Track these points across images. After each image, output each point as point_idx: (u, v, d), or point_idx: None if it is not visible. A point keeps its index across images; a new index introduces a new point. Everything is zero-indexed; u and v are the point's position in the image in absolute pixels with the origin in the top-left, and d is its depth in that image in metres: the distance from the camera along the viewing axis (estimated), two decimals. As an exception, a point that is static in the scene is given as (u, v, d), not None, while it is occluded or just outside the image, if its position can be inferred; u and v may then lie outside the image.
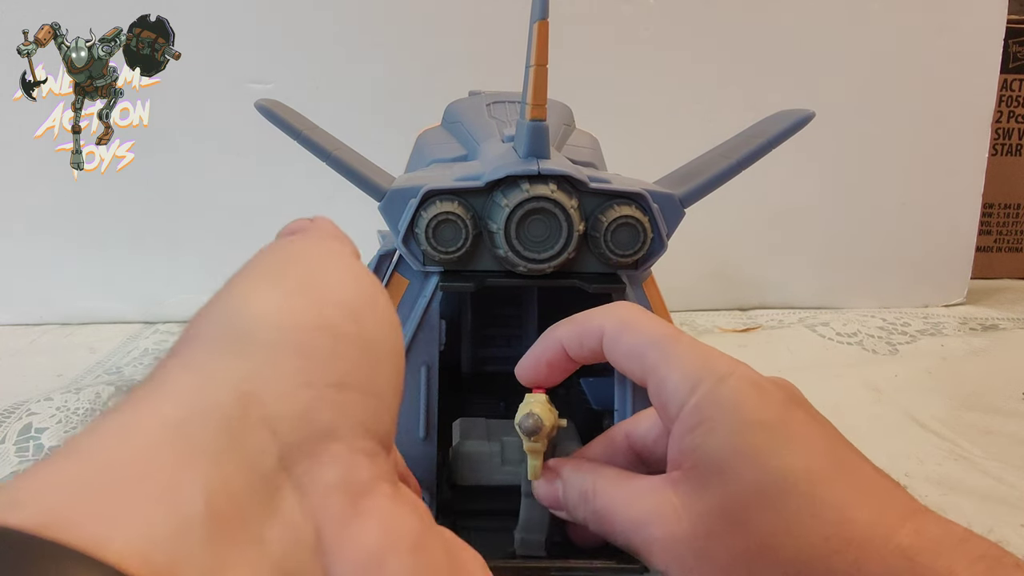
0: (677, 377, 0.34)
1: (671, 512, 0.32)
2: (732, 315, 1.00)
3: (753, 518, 0.30)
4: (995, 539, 0.49)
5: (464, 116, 0.62)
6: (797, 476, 0.30)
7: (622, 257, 0.44)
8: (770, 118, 0.51)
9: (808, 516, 0.30)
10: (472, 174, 0.45)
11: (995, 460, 0.62)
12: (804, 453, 0.31)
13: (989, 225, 1.14)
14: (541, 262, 0.43)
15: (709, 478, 0.32)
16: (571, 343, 0.39)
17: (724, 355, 0.35)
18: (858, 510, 0.30)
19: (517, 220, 0.42)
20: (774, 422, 0.32)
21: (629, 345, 0.36)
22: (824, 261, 1.02)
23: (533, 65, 0.40)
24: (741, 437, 0.31)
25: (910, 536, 0.29)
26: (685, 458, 0.33)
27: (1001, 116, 1.10)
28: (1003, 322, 0.97)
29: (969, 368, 0.83)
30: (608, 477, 0.37)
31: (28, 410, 0.68)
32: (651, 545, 0.33)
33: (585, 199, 0.44)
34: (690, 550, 0.32)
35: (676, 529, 0.32)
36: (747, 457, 0.31)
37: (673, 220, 0.46)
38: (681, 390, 0.33)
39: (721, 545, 0.31)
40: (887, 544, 0.28)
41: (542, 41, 0.40)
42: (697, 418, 0.33)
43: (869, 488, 0.31)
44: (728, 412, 0.32)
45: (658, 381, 0.35)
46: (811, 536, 0.29)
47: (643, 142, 0.89)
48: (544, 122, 0.42)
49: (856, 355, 0.87)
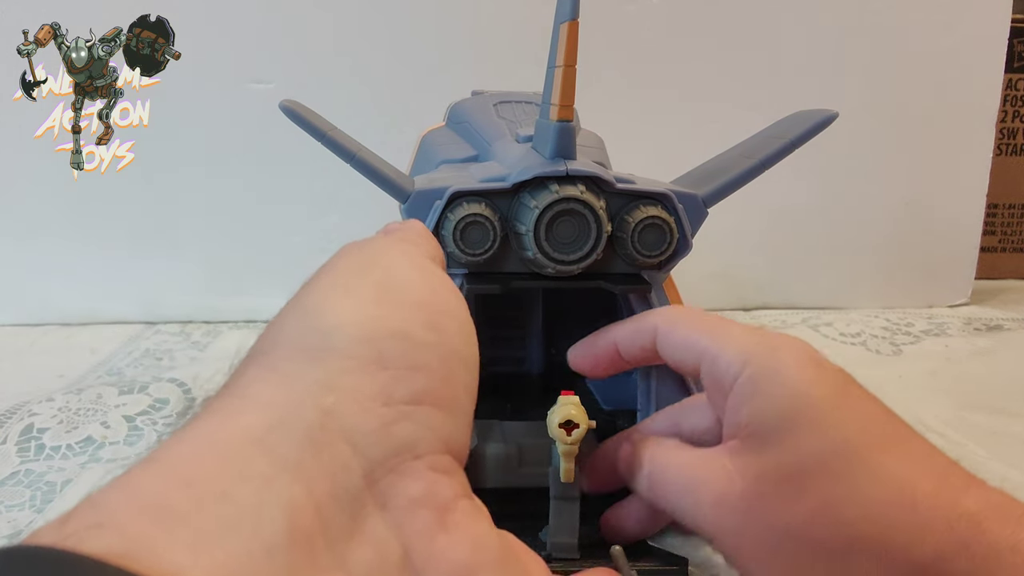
0: (731, 352, 0.34)
1: (724, 476, 0.33)
2: (735, 316, 0.99)
3: (813, 483, 0.30)
4: None
5: (471, 116, 0.62)
6: (858, 443, 0.31)
7: (648, 258, 0.44)
8: (791, 118, 0.51)
9: (870, 482, 0.30)
10: (495, 175, 0.45)
11: (1000, 461, 0.62)
12: (863, 423, 0.32)
13: (993, 225, 1.14)
14: (570, 263, 0.43)
15: (766, 444, 0.32)
16: (624, 341, 0.40)
17: (777, 332, 0.36)
18: (921, 477, 0.30)
19: (547, 222, 0.42)
20: (831, 393, 0.32)
21: (682, 335, 0.37)
22: (827, 261, 1.02)
23: (561, 66, 0.40)
24: (800, 404, 0.32)
25: (976, 503, 0.29)
26: (741, 428, 0.33)
27: (1005, 116, 1.10)
28: (1008, 322, 0.97)
29: (973, 369, 0.83)
30: (666, 446, 0.38)
31: (30, 411, 0.68)
32: (701, 507, 0.33)
33: (611, 200, 0.44)
34: (740, 511, 0.32)
35: (728, 490, 0.32)
36: (806, 424, 0.31)
37: (696, 220, 0.46)
38: (735, 363, 0.34)
39: (774, 507, 0.31)
40: (954, 509, 0.29)
41: (572, 42, 0.39)
42: (751, 388, 0.33)
43: (928, 459, 0.31)
44: (785, 381, 0.32)
45: (711, 359, 0.35)
46: (874, 502, 0.30)
47: (646, 142, 0.89)
48: (571, 123, 0.42)
49: (860, 355, 0.87)
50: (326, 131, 0.43)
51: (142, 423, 0.67)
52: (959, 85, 0.98)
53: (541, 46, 0.44)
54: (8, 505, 0.54)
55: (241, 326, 0.95)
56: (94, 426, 0.66)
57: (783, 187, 0.97)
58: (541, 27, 0.46)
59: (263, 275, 0.96)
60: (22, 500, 0.55)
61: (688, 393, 0.47)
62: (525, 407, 0.53)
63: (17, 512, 0.53)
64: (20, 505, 0.54)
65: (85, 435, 0.65)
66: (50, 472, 0.59)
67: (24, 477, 0.58)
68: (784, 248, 1.01)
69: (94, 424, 0.66)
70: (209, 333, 0.92)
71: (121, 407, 0.69)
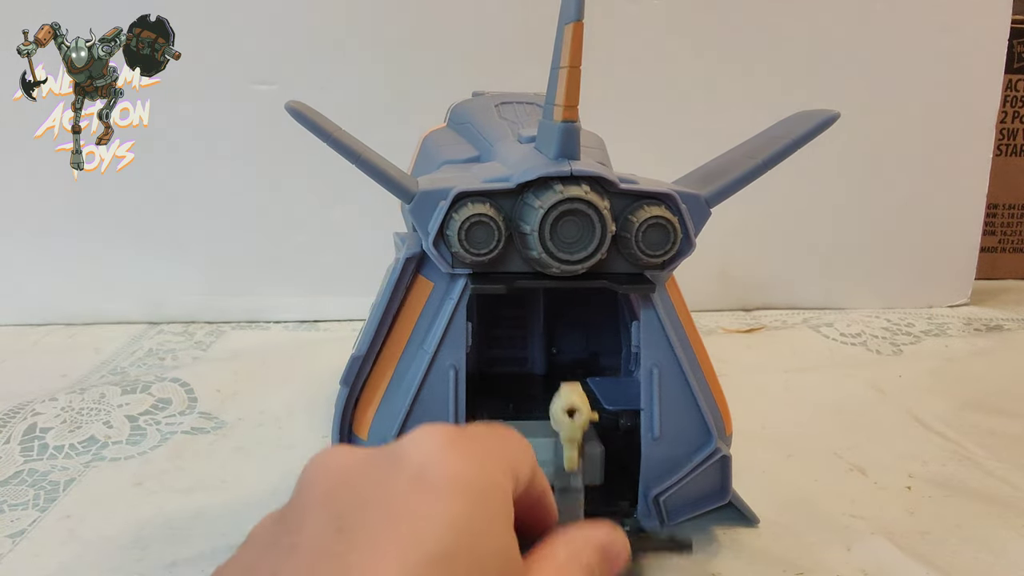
0: None
1: None
2: (736, 316, 1.00)
3: None
4: (998, 541, 0.51)
5: (473, 117, 0.62)
6: None
7: (652, 257, 0.44)
8: (792, 118, 0.51)
9: None
10: (499, 176, 0.45)
11: (999, 461, 0.62)
12: None
13: (993, 226, 1.14)
14: (575, 263, 0.43)
15: None
16: None
17: None
18: None
19: (551, 221, 0.42)
20: None
21: None
22: (828, 262, 1.02)
23: (566, 67, 0.40)
24: None
25: None
26: None
27: (1005, 116, 1.11)
28: (1007, 323, 0.97)
29: (973, 369, 0.83)
30: None
31: (33, 410, 0.68)
32: None
33: (614, 200, 0.44)
34: None
35: None
36: None
37: (700, 220, 0.46)
38: None
39: None
40: None
41: (576, 43, 0.40)
42: None
43: None
44: None
45: None
46: None
47: (648, 141, 0.89)
48: (576, 123, 0.42)
49: (860, 356, 0.87)
50: (332, 132, 0.43)
51: (145, 423, 0.67)
52: (959, 86, 0.98)
53: (543, 47, 0.44)
54: (12, 504, 0.54)
55: (244, 326, 0.95)
56: (97, 426, 0.66)
57: (785, 188, 0.97)
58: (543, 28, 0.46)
59: (265, 275, 0.96)
60: (25, 499, 0.55)
61: (690, 393, 0.47)
62: (527, 407, 0.53)
63: (20, 511, 0.54)
64: (23, 504, 0.55)
65: (88, 435, 0.65)
66: (53, 471, 0.59)
67: (28, 476, 0.58)
68: (785, 249, 1.01)
69: (97, 424, 0.66)
70: (212, 333, 0.92)
71: (124, 407, 0.70)
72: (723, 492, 0.49)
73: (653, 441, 0.47)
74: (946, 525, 0.53)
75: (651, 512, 0.48)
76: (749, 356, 0.86)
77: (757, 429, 0.66)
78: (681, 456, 0.48)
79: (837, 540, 0.51)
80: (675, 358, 0.47)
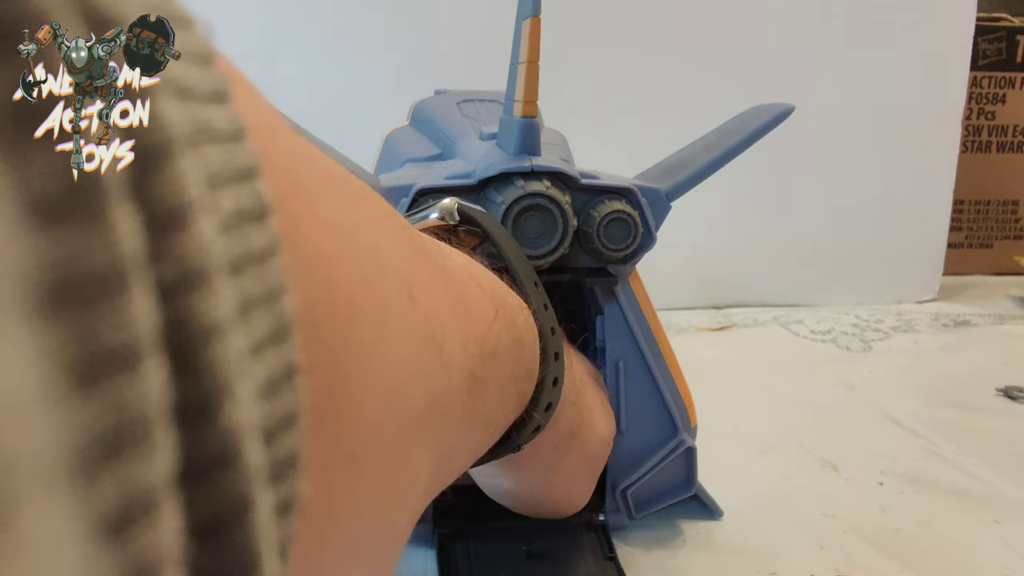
0: None
1: None
2: (707, 313, 1.00)
3: None
4: (969, 536, 0.51)
5: (435, 115, 0.62)
6: None
7: (614, 252, 0.45)
8: (748, 112, 0.52)
9: None
10: (461, 172, 0.45)
11: (969, 456, 0.62)
12: None
13: (960, 222, 1.15)
14: (538, 258, 0.43)
15: None
16: None
17: None
18: None
19: (514, 217, 0.42)
20: None
21: None
22: (798, 259, 1.02)
23: (524, 62, 0.40)
24: None
25: None
26: None
27: (971, 113, 1.12)
28: (975, 318, 0.98)
29: (942, 365, 0.83)
30: None
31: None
32: None
33: (576, 195, 0.44)
34: None
35: None
36: None
37: (660, 214, 0.47)
38: None
39: None
40: None
41: (534, 38, 0.40)
42: None
43: None
44: None
45: None
46: None
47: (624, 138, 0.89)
48: (536, 119, 0.42)
49: (830, 353, 0.88)
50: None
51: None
52: (926, 83, 0.99)
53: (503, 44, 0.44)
54: None
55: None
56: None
57: (753, 186, 0.97)
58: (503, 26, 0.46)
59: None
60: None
61: (655, 386, 0.47)
62: None
63: None
64: None
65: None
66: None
67: None
68: (755, 247, 1.02)
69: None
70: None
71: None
72: (689, 483, 0.49)
73: (619, 434, 0.47)
74: (918, 521, 0.53)
75: (619, 506, 0.48)
76: (721, 355, 0.86)
77: (730, 428, 0.66)
78: (647, 449, 0.48)
79: (810, 538, 0.51)
80: (639, 351, 0.47)
